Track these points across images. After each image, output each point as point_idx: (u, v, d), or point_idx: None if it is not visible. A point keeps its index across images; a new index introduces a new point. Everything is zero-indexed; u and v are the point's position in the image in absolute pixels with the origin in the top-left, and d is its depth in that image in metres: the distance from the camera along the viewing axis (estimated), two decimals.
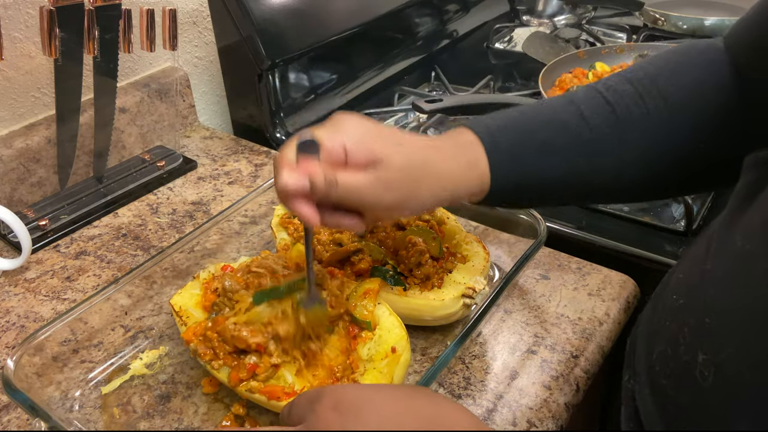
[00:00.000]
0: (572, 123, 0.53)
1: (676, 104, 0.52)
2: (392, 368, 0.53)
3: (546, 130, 0.53)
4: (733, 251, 0.40)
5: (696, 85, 0.52)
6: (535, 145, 0.52)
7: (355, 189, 0.47)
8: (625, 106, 0.52)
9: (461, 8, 1.35)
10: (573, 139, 0.52)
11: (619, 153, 0.52)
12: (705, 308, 0.40)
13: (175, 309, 0.59)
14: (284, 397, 0.51)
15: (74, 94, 0.79)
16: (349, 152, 0.47)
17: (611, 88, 0.54)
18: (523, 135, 0.53)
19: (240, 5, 0.90)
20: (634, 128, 0.52)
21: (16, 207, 0.81)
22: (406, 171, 0.49)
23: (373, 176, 0.47)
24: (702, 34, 1.23)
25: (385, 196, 0.48)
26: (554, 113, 0.54)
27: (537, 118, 0.54)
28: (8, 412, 0.58)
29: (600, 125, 0.52)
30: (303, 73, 1.03)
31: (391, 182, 0.48)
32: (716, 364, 0.37)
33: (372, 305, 0.58)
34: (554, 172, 0.53)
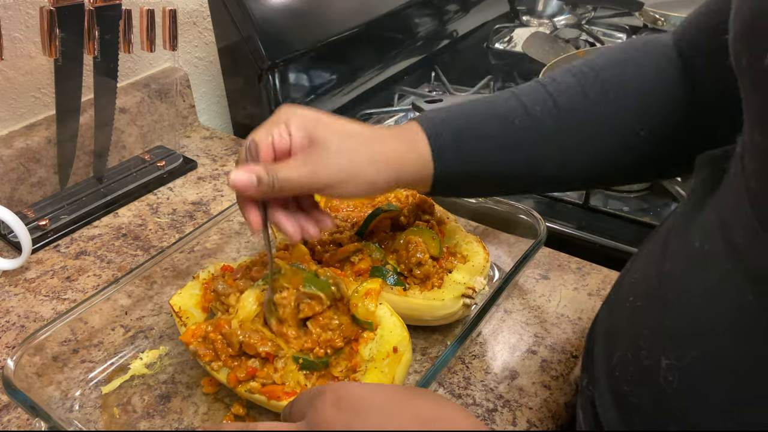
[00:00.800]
0: (512, 114, 0.54)
1: (618, 97, 0.52)
2: (394, 368, 0.53)
3: (487, 120, 0.54)
4: (691, 252, 0.39)
5: (638, 80, 0.53)
6: (476, 134, 0.54)
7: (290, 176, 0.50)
8: (566, 97, 0.53)
9: (461, 8, 1.35)
10: (513, 128, 0.53)
11: (561, 142, 0.53)
12: (665, 311, 0.39)
13: (175, 309, 0.59)
14: (284, 396, 0.52)
15: (74, 94, 0.79)
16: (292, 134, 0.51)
17: (554, 80, 0.55)
18: (464, 126, 0.54)
19: (240, 5, 0.90)
20: (574, 118, 0.53)
21: (16, 207, 0.81)
22: (341, 151, 0.51)
23: (307, 155, 0.50)
24: None
25: (324, 174, 0.50)
26: (495, 105, 0.55)
27: (477, 110, 0.55)
28: (8, 412, 0.58)
29: (540, 116, 0.53)
30: (303, 73, 1.03)
31: (325, 163, 0.50)
32: (680, 369, 0.36)
33: (374, 305, 0.58)
34: (496, 160, 0.54)
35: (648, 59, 0.54)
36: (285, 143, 0.52)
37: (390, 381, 0.52)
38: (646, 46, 0.55)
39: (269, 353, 0.53)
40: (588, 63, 0.55)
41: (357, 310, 0.57)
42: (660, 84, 0.52)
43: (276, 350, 0.53)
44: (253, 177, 0.50)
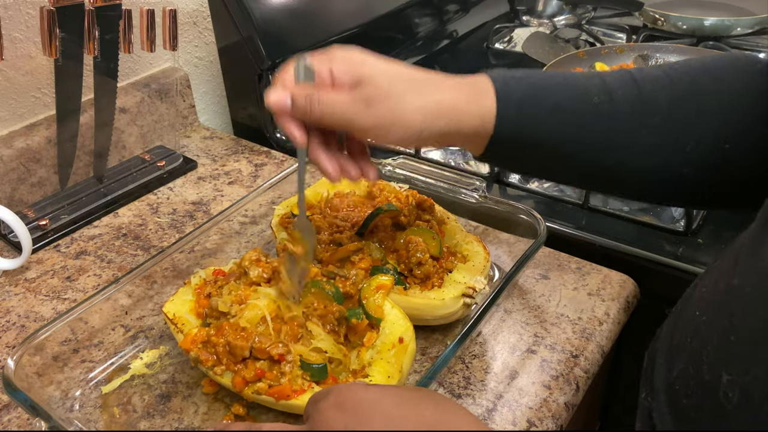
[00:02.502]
0: (593, 92, 0.50)
1: (708, 101, 0.49)
2: (400, 358, 0.54)
3: (563, 92, 0.50)
4: (760, 269, 0.38)
5: (731, 90, 0.49)
6: (548, 103, 0.50)
7: (335, 105, 0.48)
8: (651, 90, 0.49)
9: (461, 8, 1.35)
10: (589, 106, 0.49)
11: (635, 135, 0.49)
12: (730, 326, 0.39)
13: (169, 317, 0.59)
14: (293, 395, 0.51)
15: (74, 94, 0.79)
16: (335, 75, 0.49)
17: (642, 71, 0.51)
18: (539, 90, 0.50)
19: (240, 5, 0.90)
20: (656, 113, 0.49)
21: (17, 207, 0.81)
22: (388, 89, 0.48)
23: (355, 93, 0.48)
24: (702, 34, 1.23)
25: (367, 113, 0.48)
26: (577, 79, 0.51)
27: (557, 79, 0.51)
28: (8, 412, 0.58)
29: (621, 101, 0.49)
30: None
31: (372, 98, 0.47)
32: (741, 386, 0.36)
33: (382, 301, 0.58)
34: (561, 136, 0.50)
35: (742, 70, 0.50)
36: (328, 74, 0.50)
37: (397, 371, 0.53)
38: (738, 59, 0.51)
39: (281, 355, 0.53)
40: (679, 62, 0.52)
41: (367, 303, 0.58)
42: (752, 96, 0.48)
43: (286, 352, 0.53)
44: (287, 98, 0.48)
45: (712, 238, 0.76)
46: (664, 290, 0.74)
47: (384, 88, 0.48)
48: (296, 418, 0.55)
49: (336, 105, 0.48)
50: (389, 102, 0.47)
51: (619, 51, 1.11)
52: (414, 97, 0.48)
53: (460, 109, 0.49)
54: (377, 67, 0.49)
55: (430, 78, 0.50)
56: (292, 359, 0.53)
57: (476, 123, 0.49)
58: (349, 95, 0.48)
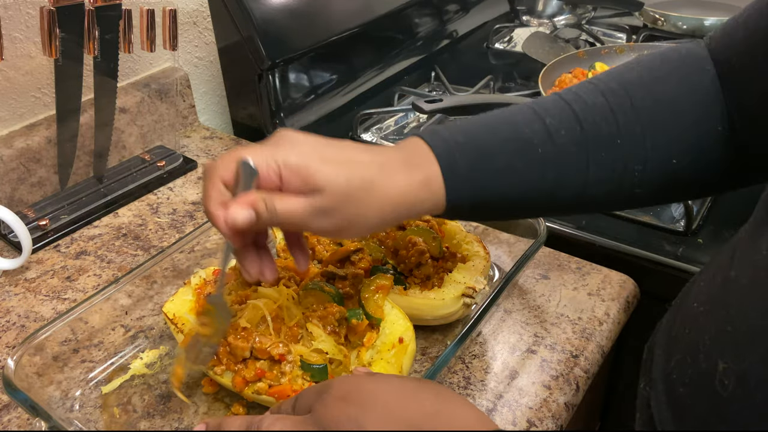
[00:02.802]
0: (536, 140, 0.49)
1: (650, 120, 0.48)
2: (400, 358, 0.54)
3: (508, 149, 0.49)
4: (757, 260, 0.39)
5: (672, 100, 0.49)
6: (495, 166, 0.49)
7: (291, 215, 0.45)
8: (593, 122, 0.49)
9: (461, 8, 1.35)
10: (536, 158, 0.49)
11: (585, 172, 0.49)
12: (727, 317, 0.39)
13: (169, 317, 0.59)
14: (293, 395, 0.51)
15: (74, 94, 0.79)
16: (284, 180, 0.46)
17: (581, 99, 0.50)
18: (483, 155, 0.49)
19: (240, 5, 0.90)
20: (601, 147, 0.49)
21: (17, 207, 0.81)
22: (345, 196, 0.46)
23: (309, 203, 0.45)
24: (701, 34, 1.23)
25: (324, 221, 0.46)
26: (517, 128, 0.50)
27: (499, 135, 0.50)
28: (8, 412, 0.58)
29: (566, 143, 0.49)
30: (303, 73, 1.03)
31: (328, 209, 0.45)
32: (737, 373, 0.36)
33: (382, 301, 0.58)
34: (514, 192, 0.50)
35: (683, 76, 0.49)
36: (276, 177, 0.46)
37: (397, 371, 0.53)
38: (680, 60, 0.51)
39: (282, 355, 0.53)
40: (617, 78, 0.51)
41: (367, 303, 0.58)
42: (697, 105, 0.48)
43: (287, 352, 0.53)
44: (252, 212, 0.45)
45: (712, 238, 0.76)
46: (664, 290, 0.74)
47: (339, 198, 0.45)
48: None
49: (294, 214, 0.45)
50: (346, 210, 0.46)
51: (619, 51, 1.11)
52: (370, 202, 0.47)
53: (414, 197, 0.48)
54: (329, 174, 0.45)
55: (383, 171, 0.47)
56: (292, 359, 0.53)
57: (430, 206, 0.49)
58: (304, 205, 0.45)
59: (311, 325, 0.55)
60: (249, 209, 0.45)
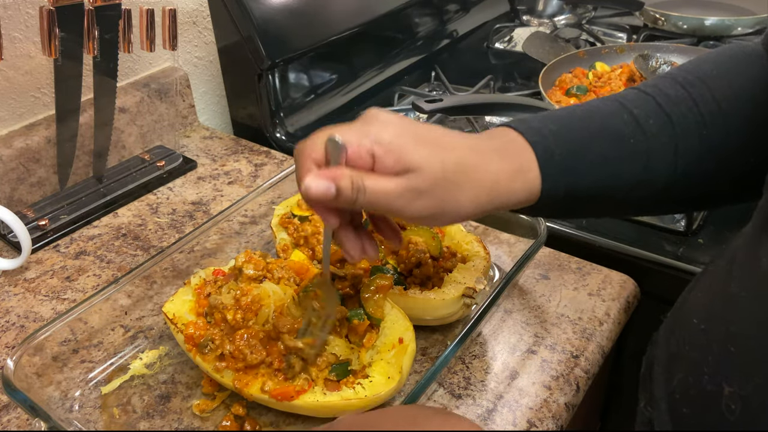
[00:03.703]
0: (627, 131, 0.48)
1: (730, 111, 0.48)
2: (400, 358, 0.53)
3: (601, 139, 0.48)
4: (758, 274, 0.37)
5: (747, 91, 0.48)
6: (590, 156, 0.48)
7: (383, 196, 0.43)
8: (679, 113, 0.48)
9: (461, 8, 1.35)
10: (629, 149, 0.48)
11: (675, 162, 0.48)
12: (729, 336, 0.38)
13: (169, 317, 0.59)
14: (296, 396, 0.51)
15: (74, 94, 0.79)
16: (377, 158, 0.44)
17: (662, 92, 0.50)
18: (578, 145, 0.48)
19: (240, 5, 0.90)
20: (690, 136, 0.48)
21: (16, 207, 0.81)
22: (440, 179, 0.44)
23: (404, 183, 0.43)
24: (702, 34, 1.23)
25: (417, 204, 0.44)
26: (608, 120, 0.49)
27: (591, 126, 0.49)
28: (8, 412, 0.58)
29: (657, 134, 0.48)
30: (303, 73, 1.03)
31: (423, 191, 0.44)
32: (743, 397, 0.35)
33: (382, 301, 0.58)
34: (608, 183, 0.49)
35: (750, 67, 0.50)
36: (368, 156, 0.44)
37: (397, 371, 0.53)
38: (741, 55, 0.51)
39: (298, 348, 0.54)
40: (693, 71, 0.50)
41: (367, 303, 0.58)
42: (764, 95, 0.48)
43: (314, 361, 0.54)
44: (332, 186, 0.43)
45: (712, 238, 0.76)
46: (664, 290, 0.74)
47: (434, 180, 0.44)
48: (296, 417, 0.55)
49: (384, 195, 0.43)
50: (440, 193, 0.44)
51: (620, 51, 1.11)
52: (465, 187, 0.45)
53: (507, 185, 0.47)
54: (425, 155, 0.44)
55: (478, 157, 0.46)
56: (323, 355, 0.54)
57: (523, 197, 0.48)
58: (397, 184, 0.43)
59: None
60: (328, 182, 0.43)
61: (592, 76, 1.05)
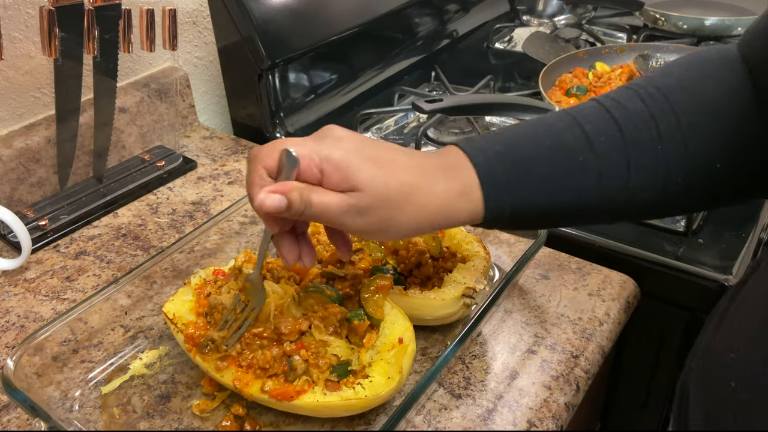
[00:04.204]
0: (576, 148, 0.48)
1: (691, 124, 0.48)
2: (400, 359, 0.53)
3: (547, 158, 0.49)
4: None
5: (714, 100, 0.48)
6: (535, 176, 0.48)
7: (327, 211, 0.46)
8: (633, 128, 0.48)
9: (461, 8, 1.35)
10: (576, 166, 0.48)
11: (627, 179, 0.48)
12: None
13: (169, 317, 0.59)
14: (296, 396, 0.51)
15: (74, 94, 0.79)
16: (325, 174, 0.46)
17: (620, 105, 0.49)
18: (522, 164, 0.48)
19: (240, 5, 0.90)
20: (643, 153, 0.48)
21: (16, 207, 0.81)
22: (383, 199, 0.46)
23: (347, 200, 0.45)
24: (702, 34, 1.23)
25: (359, 220, 0.46)
26: (556, 137, 0.49)
27: (537, 143, 0.49)
28: (8, 412, 0.58)
29: (607, 151, 0.48)
30: (303, 73, 1.03)
31: (365, 209, 0.46)
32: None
33: (382, 301, 0.58)
34: (555, 201, 0.49)
35: (722, 71, 0.49)
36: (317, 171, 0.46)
37: (397, 371, 0.53)
38: (716, 62, 0.50)
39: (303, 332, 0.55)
40: (655, 83, 0.50)
41: (367, 303, 0.58)
42: (737, 107, 0.48)
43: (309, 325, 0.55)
44: (284, 200, 0.45)
45: (712, 238, 0.76)
46: (664, 290, 0.74)
47: (377, 200, 0.46)
48: (296, 417, 0.55)
49: (329, 209, 0.46)
50: (382, 213, 0.46)
51: (620, 51, 1.11)
52: (407, 208, 0.47)
53: (450, 206, 0.48)
54: (370, 176, 0.46)
55: (423, 177, 0.47)
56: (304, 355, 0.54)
57: (467, 216, 0.49)
58: (341, 201, 0.46)
59: (319, 333, 0.55)
60: (281, 197, 0.45)
61: (592, 76, 1.05)
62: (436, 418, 0.56)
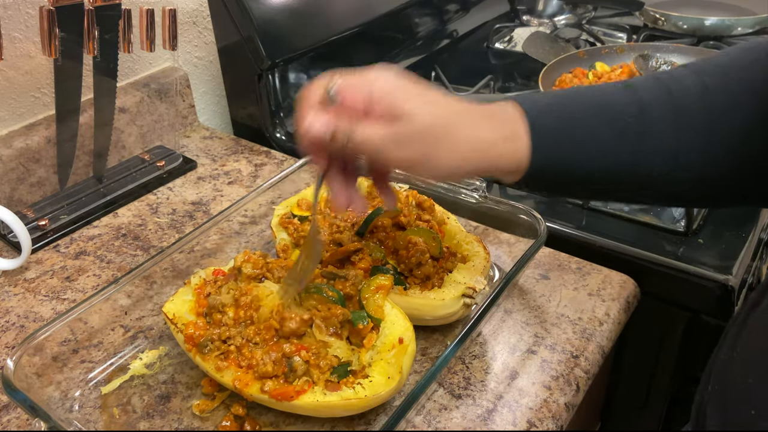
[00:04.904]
0: (627, 112, 0.48)
1: (744, 103, 0.47)
2: (400, 359, 0.53)
3: (597, 116, 0.49)
4: None
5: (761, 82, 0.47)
6: (583, 132, 0.48)
7: (370, 140, 0.46)
8: (686, 100, 0.48)
9: (461, 8, 1.35)
10: (624, 129, 0.48)
11: (675, 151, 0.48)
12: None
13: (169, 317, 0.59)
14: (296, 396, 0.51)
15: (74, 94, 0.79)
16: (370, 103, 0.47)
17: (675, 79, 0.49)
18: (572, 119, 0.49)
19: (240, 5, 0.90)
20: (693, 125, 0.48)
21: (16, 207, 0.81)
22: (425, 131, 0.46)
23: (389, 131, 0.46)
24: (702, 34, 1.23)
25: (400, 152, 0.46)
26: (609, 98, 0.49)
27: (590, 102, 0.49)
28: (8, 412, 0.58)
29: (657, 118, 0.48)
30: (303, 73, 1.03)
31: (405, 140, 0.46)
32: None
33: (382, 301, 0.58)
34: (601, 162, 0.49)
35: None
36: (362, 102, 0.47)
37: (397, 371, 0.52)
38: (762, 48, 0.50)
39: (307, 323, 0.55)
40: (713, 61, 0.50)
41: (367, 303, 0.57)
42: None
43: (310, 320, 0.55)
44: (330, 125, 0.46)
45: (712, 238, 0.76)
46: (664, 290, 0.74)
47: (420, 130, 0.46)
48: (296, 417, 0.55)
49: (371, 139, 0.46)
50: (423, 146, 0.46)
51: (620, 51, 1.11)
52: (449, 142, 0.47)
53: (495, 151, 0.48)
54: (418, 106, 0.46)
55: (466, 113, 0.48)
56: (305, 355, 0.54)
57: (511, 164, 0.49)
58: (385, 131, 0.46)
59: (322, 335, 0.55)
60: (327, 121, 0.46)
61: (592, 76, 1.05)
62: (436, 418, 0.56)
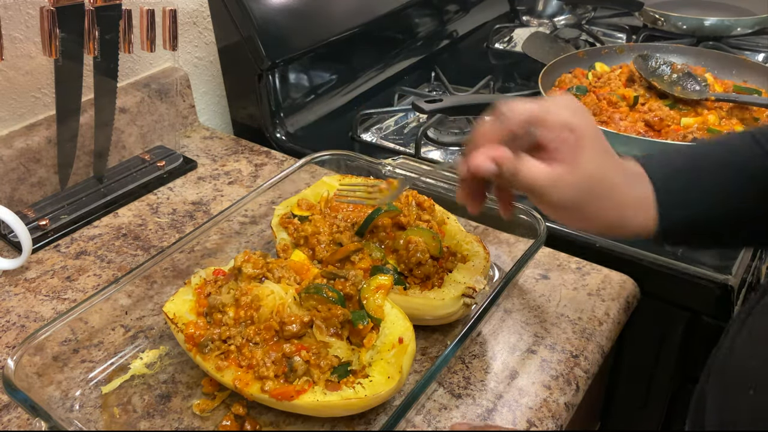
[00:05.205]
0: (753, 164, 0.49)
1: None
2: (400, 358, 0.53)
3: (722, 171, 0.50)
4: None
5: None
6: (708, 187, 0.50)
7: (533, 180, 0.47)
8: None
9: (461, 8, 1.35)
10: (752, 180, 0.49)
11: None
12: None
13: (170, 316, 0.59)
14: (296, 395, 0.51)
15: (74, 94, 0.79)
16: (557, 139, 0.47)
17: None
18: (699, 178, 0.50)
19: (240, 5, 0.90)
20: None
21: (17, 207, 0.81)
22: (586, 182, 0.47)
23: (553, 174, 0.47)
24: (701, 34, 1.23)
25: (559, 195, 0.47)
26: (732, 150, 0.51)
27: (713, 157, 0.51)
28: (8, 412, 0.58)
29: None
30: (303, 73, 1.03)
31: (569, 186, 0.47)
32: None
33: (382, 300, 0.58)
34: (729, 215, 0.50)
35: None
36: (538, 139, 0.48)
37: (397, 371, 0.53)
38: None
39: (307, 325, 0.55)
40: None
41: (367, 303, 0.58)
42: None
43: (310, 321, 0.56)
44: (493, 166, 0.47)
45: None
46: (664, 290, 0.74)
47: (584, 181, 0.47)
48: (296, 417, 0.55)
49: (537, 179, 0.47)
50: (584, 196, 0.48)
51: (619, 51, 1.11)
52: (601, 201, 0.48)
53: (632, 213, 0.50)
54: (593, 157, 0.48)
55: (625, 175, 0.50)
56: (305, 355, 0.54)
57: (641, 221, 0.50)
58: (548, 174, 0.47)
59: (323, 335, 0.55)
60: (491, 162, 0.47)
61: (592, 77, 1.05)
62: (436, 417, 0.56)
